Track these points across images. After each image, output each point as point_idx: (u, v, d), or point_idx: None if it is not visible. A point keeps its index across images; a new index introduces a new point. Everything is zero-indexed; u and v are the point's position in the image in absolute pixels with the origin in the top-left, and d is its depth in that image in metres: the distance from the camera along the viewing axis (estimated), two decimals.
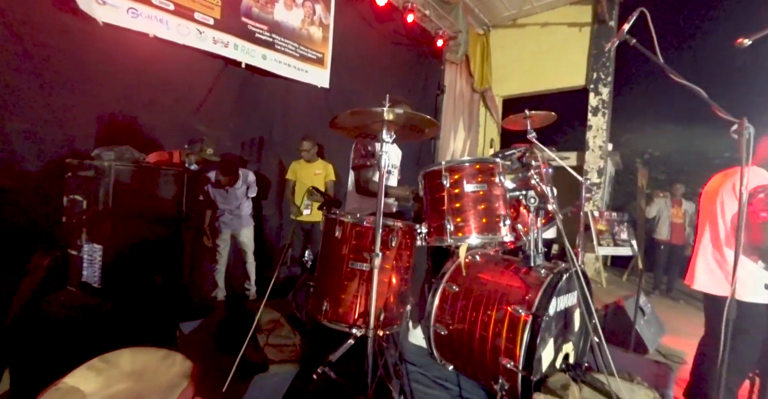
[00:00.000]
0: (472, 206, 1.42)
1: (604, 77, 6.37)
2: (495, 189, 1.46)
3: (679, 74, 1.72)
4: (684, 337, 3.62)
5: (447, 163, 1.45)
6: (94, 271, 1.84)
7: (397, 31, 5.01)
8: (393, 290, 1.49)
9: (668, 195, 5.33)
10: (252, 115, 3.65)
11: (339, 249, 1.47)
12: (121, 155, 2.01)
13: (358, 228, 1.44)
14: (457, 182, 1.44)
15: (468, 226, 1.41)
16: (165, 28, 2.84)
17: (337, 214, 1.48)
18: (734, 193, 1.94)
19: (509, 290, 1.44)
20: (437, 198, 1.48)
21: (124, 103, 2.72)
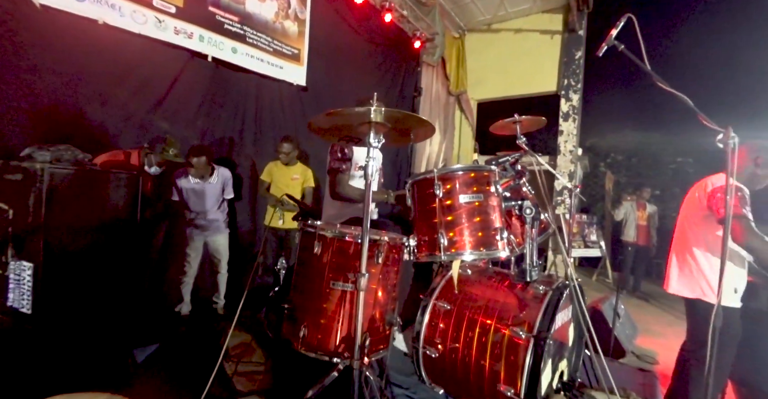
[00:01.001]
0: (467, 219, 1.29)
1: (575, 84, 6.54)
2: (491, 199, 1.34)
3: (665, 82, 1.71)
4: (654, 336, 3.75)
5: (439, 171, 1.32)
6: (22, 293, 1.55)
7: (375, 31, 4.87)
8: (379, 311, 1.34)
9: (635, 198, 5.54)
10: (221, 113, 3.37)
11: (318, 267, 1.30)
12: (59, 156, 1.72)
13: (339, 243, 1.28)
14: (450, 192, 1.31)
15: (462, 241, 1.28)
16: (117, 15, 2.54)
17: (315, 228, 1.31)
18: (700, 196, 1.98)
19: (506, 309, 1.33)
20: (428, 210, 1.34)
21: (67, 95, 2.39)
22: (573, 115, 6.59)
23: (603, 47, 1.70)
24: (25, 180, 1.55)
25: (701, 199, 1.99)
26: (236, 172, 3.45)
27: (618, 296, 3.16)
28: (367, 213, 1.13)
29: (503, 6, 6.58)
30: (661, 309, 4.87)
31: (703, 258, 1.97)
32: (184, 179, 2.87)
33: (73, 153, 1.80)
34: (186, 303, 3.07)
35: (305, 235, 1.36)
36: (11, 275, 1.55)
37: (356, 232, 1.29)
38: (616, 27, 1.68)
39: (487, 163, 1.52)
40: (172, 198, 2.90)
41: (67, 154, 1.77)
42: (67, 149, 1.79)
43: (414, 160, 6.22)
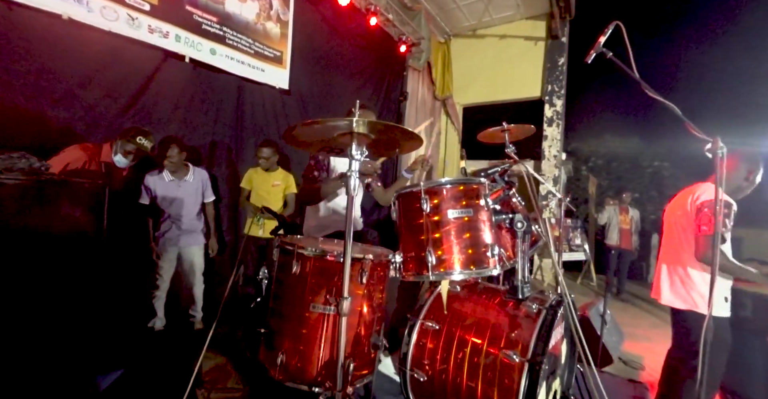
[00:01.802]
0: (456, 236, 1.22)
1: (558, 90, 6.63)
2: (481, 214, 1.27)
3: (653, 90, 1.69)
4: (639, 340, 3.77)
5: (426, 184, 1.24)
6: None
7: (360, 34, 4.80)
8: (364, 334, 1.24)
9: (617, 203, 5.62)
10: (199, 117, 3.22)
11: (296, 288, 1.20)
12: (10, 164, 1.56)
13: (319, 263, 1.18)
14: (438, 207, 1.23)
15: (451, 259, 1.20)
16: (85, 10, 2.38)
17: (294, 246, 1.20)
18: (686, 209, 1.98)
19: (498, 329, 1.26)
20: (415, 225, 1.26)
21: (27, 96, 2.22)
22: (557, 120, 6.68)
23: (591, 54, 1.67)
24: None
25: (689, 210, 1.98)
26: (215, 180, 3.30)
27: (606, 302, 3.15)
28: (348, 234, 1.04)
29: (488, 12, 6.62)
30: (644, 310, 4.94)
31: (694, 270, 1.96)
32: (157, 177, 2.73)
33: (27, 161, 1.64)
34: (160, 318, 2.90)
35: (283, 252, 1.26)
36: None
37: (338, 250, 1.20)
38: (604, 34, 1.66)
39: (477, 175, 1.45)
40: (140, 201, 2.72)
41: (21, 162, 1.61)
42: (20, 157, 1.63)
43: (399, 164, 6.15)
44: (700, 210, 1.89)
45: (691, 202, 1.99)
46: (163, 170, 2.76)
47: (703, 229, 1.86)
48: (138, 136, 2.36)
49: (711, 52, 12.31)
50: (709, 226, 1.86)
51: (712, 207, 1.88)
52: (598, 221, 5.76)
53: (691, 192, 2.05)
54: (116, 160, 2.38)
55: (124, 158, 2.39)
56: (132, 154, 2.40)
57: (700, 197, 1.95)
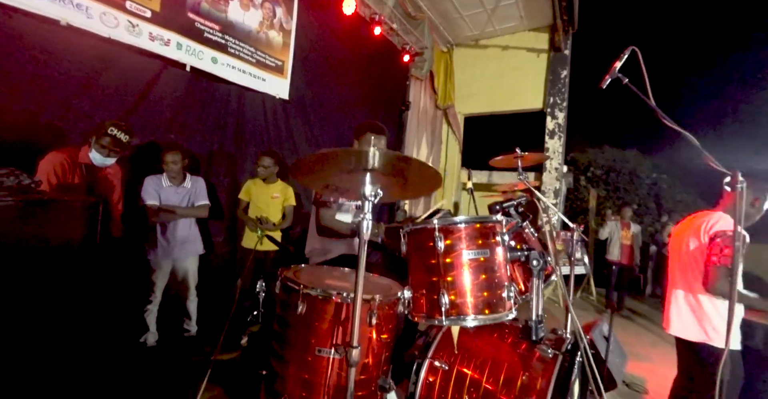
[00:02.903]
0: (472, 278, 1.14)
1: (560, 102, 6.62)
2: (497, 254, 1.20)
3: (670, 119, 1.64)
4: (640, 360, 3.69)
5: (440, 222, 1.17)
6: None
7: (363, 43, 4.75)
8: (370, 377, 1.17)
9: (618, 218, 5.58)
10: (198, 126, 3.14)
11: (302, 331, 1.12)
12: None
13: (326, 305, 1.11)
14: (452, 248, 1.16)
15: (465, 303, 1.13)
16: (84, 16, 2.30)
17: (299, 286, 1.13)
18: (699, 237, 1.93)
19: (512, 374, 1.19)
20: (428, 265, 1.19)
21: (20, 103, 2.13)
22: (558, 132, 6.66)
23: (606, 80, 1.63)
24: None
25: (701, 239, 1.93)
26: (214, 189, 3.22)
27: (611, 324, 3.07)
28: (359, 276, 0.96)
29: (491, 23, 6.61)
30: (644, 327, 4.90)
31: (707, 301, 1.91)
32: (157, 181, 2.66)
33: (17, 178, 1.55)
34: (152, 332, 2.80)
35: (286, 290, 1.18)
36: None
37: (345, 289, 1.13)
38: (620, 59, 1.62)
39: (491, 208, 1.39)
40: (148, 202, 2.60)
41: (10, 180, 1.53)
42: (9, 174, 1.55)
43: None
44: (712, 239, 1.84)
45: (703, 231, 1.93)
46: (162, 175, 2.69)
47: (713, 259, 1.82)
48: (110, 127, 2.17)
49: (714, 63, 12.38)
50: (719, 256, 1.82)
51: (725, 237, 1.84)
52: (599, 236, 5.72)
53: (701, 220, 2.00)
54: (92, 157, 2.19)
55: (99, 155, 2.19)
56: (107, 149, 2.19)
57: (713, 227, 1.90)
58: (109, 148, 2.20)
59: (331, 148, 3.27)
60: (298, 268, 1.41)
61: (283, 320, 1.19)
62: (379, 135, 2.01)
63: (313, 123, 4.19)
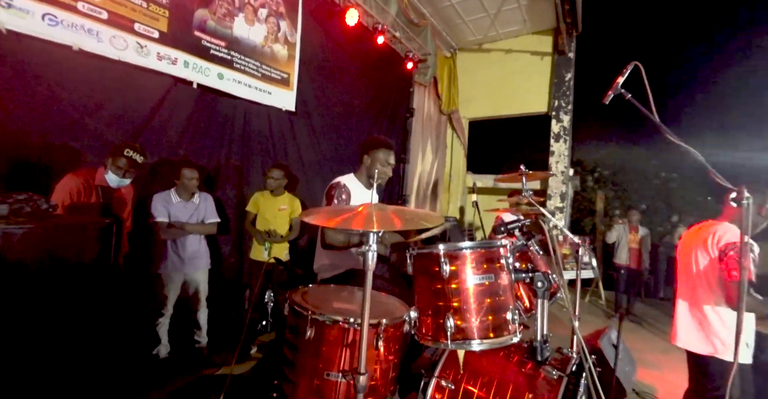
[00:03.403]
0: (476, 303, 1.16)
1: (565, 105, 6.60)
2: (502, 278, 1.22)
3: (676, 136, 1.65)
4: (650, 368, 3.65)
5: (446, 248, 1.19)
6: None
7: (367, 52, 4.79)
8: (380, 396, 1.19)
9: (626, 221, 5.53)
10: (206, 141, 3.20)
11: (311, 356, 1.15)
12: (18, 208, 1.54)
13: (334, 330, 1.14)
14: (457, 273, 1.18)
15: (470, 327, 1.15)
16: (95, 41, 2.37)
17: (307, 311, 1.16)
18: (707, 250, 1.91)
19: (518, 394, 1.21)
20: (433, 290, 1.21)
21: (36, 127, 2.20)
22: (564, 136, 6.63)
23: (609, 95, 1.63)
24: None
25: (710, 251, 1.91)
26: (221, 203, 3.28)
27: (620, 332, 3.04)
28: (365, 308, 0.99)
29: (494, 27, 6.62)
30: (654, 333, 4.84)
31: (713, 314, 1.89)
32: (166, 197, 2.73)
33: (35, 203, 1.61)
34: (164, 344, 2.86)
35: (294, 313, 1.21)
36: None
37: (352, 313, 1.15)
38: (623, 75, 1.62)
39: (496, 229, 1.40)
40: (158, 219, 2.66)
41: (27, 205, 1.58)
42: (28, 199, 1.61)
43: (405, 181, 6.12)
44: (724, 253, 1.82)
45: (711, 243, 1.92)
46: (171, 191, 2.75)
47: (733, 274, 1.79)
48: (126, 149, 2.26)
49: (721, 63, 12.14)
50: (739, 271, 1.79)
51: (736, 249, 1.82)
52: (607, 240, 5.68)
53: (708, 232, 1.99)
54: (109, 179, 2.28)
55: (116, 176, 2.28)
56: (123, 171, 2.28)
57: (721, 239, 1.88)
58: (125, 170, 2.29)
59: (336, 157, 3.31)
60: (305, 289, 1.44)
61: (291, 344, 1.22)
62: (390, 150, 2.07)
63: (318, 133, 4.24)
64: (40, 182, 2.16)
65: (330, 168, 4.30)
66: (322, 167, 4.26)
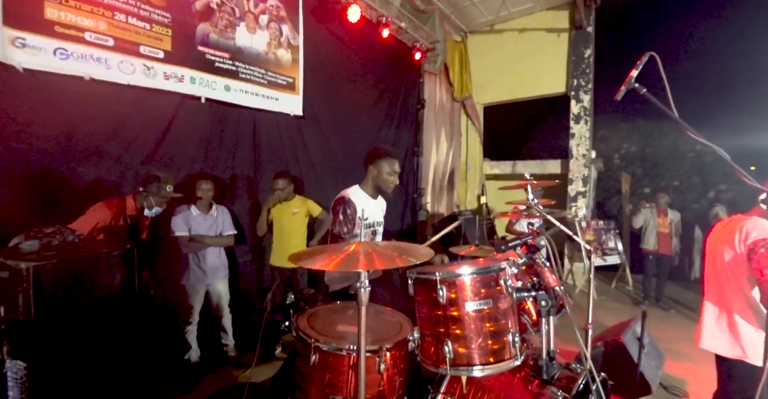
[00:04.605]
0: (476, 329, 1.17)
1: (585, 84, 6.27)
2: (502, 302, 1.21)
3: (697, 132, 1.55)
4: (681, 359, 3.52)
5: (442, 275, 1.19)
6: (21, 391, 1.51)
7: (373, 47, 4.71)
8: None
9: (654, 205, 5.27)
10: (219, 153, 3.29)
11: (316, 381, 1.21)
12: (48, 242, 1.66)
13: (336, 358, 1.18)
14: (455, 301, 1.18)
15: (470, 354, 1.16)
16: (104, 69, 2.46)
17: (311, 339, 1.20)
18: (734, 246, 1.80)
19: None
20: (432, 315, 1.22)
21: (58, 158, 2.34)
22: (584, 116, 6.33)
23: (621, 91, 1.54)
24: (11, 278, 1.49)
25: (737, 248, 1.80)
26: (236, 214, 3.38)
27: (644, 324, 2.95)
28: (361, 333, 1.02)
29: (505, 6, 6.31)
30: (685, 320, 4.65)
31: (743, 316, 1.80)
32: (187, 211, 2.86)
33: (64, 235, 1.74)
34: (194, 349, 3.04)
35: (300, 340, 1.26)
36: (9, 373, 1.51)
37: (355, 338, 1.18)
38: (637, 67, 1.52)
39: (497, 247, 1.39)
40: (178, 233, 2.80)
41: (56, 238, 1.71)
42: (55, 232, 1.73)
43: (420, 174, 6.07)
44: (754, 251, 1.71)
45: (738, 240, 1.81)
46: (191, 205, 2.88)
47: (766, 273, 1.68)
48: (167, 186, 2.49)
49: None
50: None
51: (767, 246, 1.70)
52: (633, 225, 5.44)
53: (736, 227, 1.87)
54: (147, 213, 2.52)
55: (157, 208, 2.53)
56: (163, 203, 2.55)
57: (749, 235, 1.76)
58: (157, 202, 2.53)
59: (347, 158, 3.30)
60: (313, 311, 1.49)
61: (299, 370, 1.28)
62: (394, 159, 2.10)
63: (328, 135, 4.25)
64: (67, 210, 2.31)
65: (341, 169, 4.32)
66: (334, 169, 4.29)
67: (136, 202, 2.48)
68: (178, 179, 2.90)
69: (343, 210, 1.95)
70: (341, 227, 1.92)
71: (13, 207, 2.13)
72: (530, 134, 10.73)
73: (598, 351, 3.05)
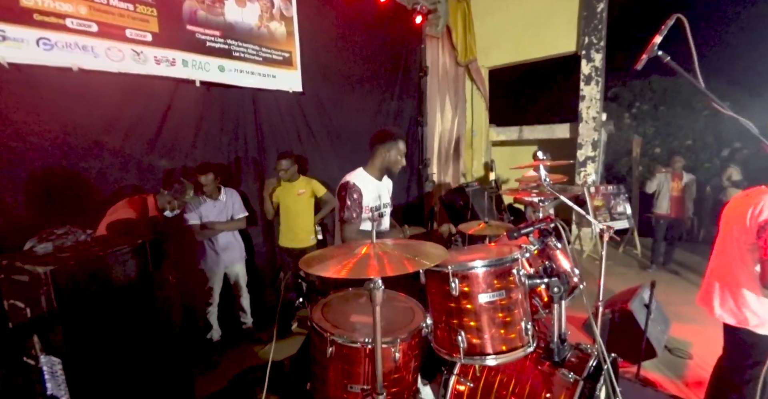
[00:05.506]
0: (488, 319, 1.18)
1: (597, 42, 5.91)
2: (515, 292, 1.21)
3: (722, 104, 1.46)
4: (686, 321, 3.59)
5: (454, 267, 1.18)
6: (58, 383, 1.61)
7: (371, 13, 4.43)
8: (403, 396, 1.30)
9: (669, 170, 5.14)
10: (221, 137, 3.23)
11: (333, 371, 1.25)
12: (60, 245, 1.68)
13: (351, 351, 1.21)
14: (468, 294, 1.19)
15: (483, 343, 1.18)
16: (91, 57, 2.35)
17: (326, 333, 1.23)
18: (745, 220, 1.76)
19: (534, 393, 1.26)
20: (446, 308, 1.23)
21: (59, 154, 2.31)
22: (596, 77, 6.03)
23: (643, 59, 1.42)
24: (31, 282, 1.53)
25: (748, 223, 1.77)
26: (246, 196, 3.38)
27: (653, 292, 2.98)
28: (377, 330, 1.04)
29: None
30: (692, 283, 4.70)
31: (746, 288, 1.81)
32: (194, 203, 2.87)
33: (74, 236, 1.75)
34: (216, 329, 3.18)
35: (315, 332, 1.30)
36: (44, 368, 1.60)
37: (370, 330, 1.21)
38: (660, 32, 1.39)
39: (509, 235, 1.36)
40: (191, 222, 2.86)
41: (69, 239, 1.73)
42: (68, 233, 1.75)
43: (425, 145, 5.94)
44: (764, 229, 1.68)
45: (751, 216, 1.76)
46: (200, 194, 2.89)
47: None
48: (189, 191, 2.52)
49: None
50: None
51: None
52: (647, 190, 5.34)
53: (751, 201, 1.82)
54: (167, 215, 2.54)
55: (170, 211, 2.55)
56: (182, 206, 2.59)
57: (763, 211, 1.72)
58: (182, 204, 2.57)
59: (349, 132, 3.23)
60: (326, 301, 1.52)
61: (316, 360, 1.32)
62: (400, 140, 2.11)
63: (329, 110, 4.12)
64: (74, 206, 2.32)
65: (344, 143, 4.23)
66: (337, 144, 4.21)
67: (157, 202, 2.47)
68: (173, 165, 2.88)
69: (349, 195, 1.93)
70: (349, 213, 1.92)
71: (21, 208, 2.14)
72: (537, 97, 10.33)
73: (605, 318, 3.12)
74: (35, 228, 1.79)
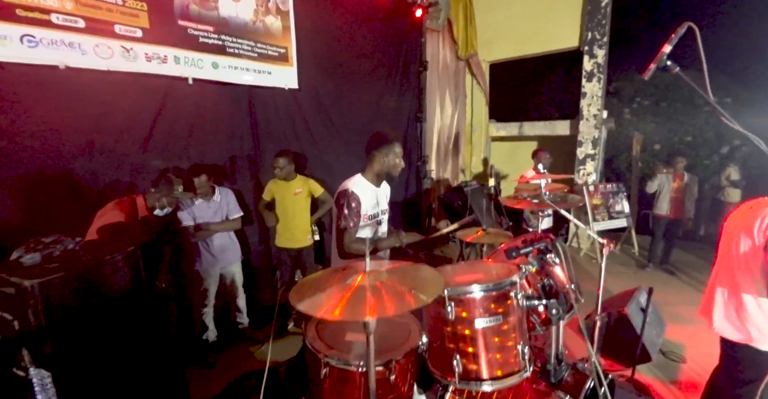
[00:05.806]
0: (485, 344, 1.15)
1: (600, 37, 5.79)
2: (512, 315, 1.19)
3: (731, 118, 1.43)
4: (681, 323, 3.60)
5: (450, 292, 1.15)
6: (49, 396, 1.58)
7: (370, 7, 4.30)
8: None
9: (671, 170, 5.11)
10: (214, 136, 3.16)
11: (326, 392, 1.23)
12: (48, 255, 1.64)
13: (345, 374, 1.19)
14: (465, 319, 1.16)
15: (479, 368, 1.16)
16: (79, 54, 2.27)
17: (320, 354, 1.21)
18: (752, 234, 1.73)
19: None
20: (441, 331, 1.21)
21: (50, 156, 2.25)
22: (598, 74, 5.94)
23: (651, 68, 1.39)
24: (18, 294, 1.50)
25: (755, 237, 1.74)
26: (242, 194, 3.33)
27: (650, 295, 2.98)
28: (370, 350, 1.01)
29: None
30: (689, 284, 4.73)
31: (753, 304, 1.79)
32: (188, 204, 2.83)
33: (62, 245, 1.71)
34: (211, 330, 3.17)
35: (309, 352, 1.27)
36: (34, 380, 1.57)
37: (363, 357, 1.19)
38: (671, 41, 1.35)
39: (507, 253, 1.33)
40: (184, 224, 2.81)
41: (57, 248, 1.68)
42: (56, 242, 1.70)
43: (424, 141, 5.87)
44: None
45: (757, 228, 1.73)
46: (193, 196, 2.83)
47: None
48: (178, 186, 2.45)
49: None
50: None
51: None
52: (647, 190, 5.31)
53: (757, 213, 1.79)
54: (158, 213, 2.48)
55: (169, 208, 2.50)
56: (166, 205, 2.50)
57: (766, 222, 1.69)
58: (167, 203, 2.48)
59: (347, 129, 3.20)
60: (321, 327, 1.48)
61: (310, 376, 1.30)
62: (395, 143, 2.06)
63: (328, 108, 4.04)
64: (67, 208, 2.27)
65: (343, 141, 4.16)
66: (335, 142, 4.13)
67: (146, 202, 2.42)
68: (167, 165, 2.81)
69: (348, 203, 1.89)
70: (347, 221, 1.88)
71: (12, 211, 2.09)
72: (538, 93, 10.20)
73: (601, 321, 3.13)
74: (24, 232, 1.75)
